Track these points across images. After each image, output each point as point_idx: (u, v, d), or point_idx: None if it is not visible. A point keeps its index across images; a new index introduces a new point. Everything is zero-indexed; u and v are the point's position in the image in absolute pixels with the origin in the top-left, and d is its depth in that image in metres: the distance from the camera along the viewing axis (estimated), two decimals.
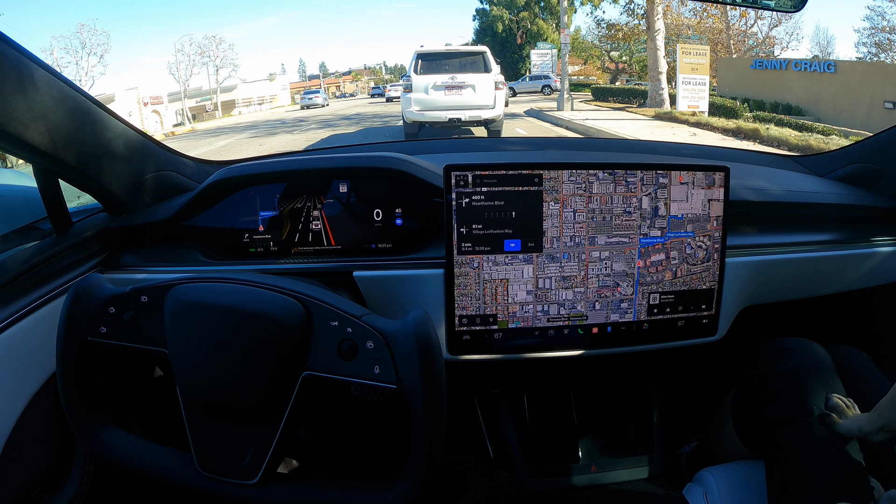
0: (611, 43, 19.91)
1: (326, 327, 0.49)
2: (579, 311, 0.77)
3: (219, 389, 0.49)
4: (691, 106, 9.44)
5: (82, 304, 0.52)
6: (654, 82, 11.59)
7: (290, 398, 0.49)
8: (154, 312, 0.51)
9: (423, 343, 0.47)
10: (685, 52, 9.56)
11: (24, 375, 0.65)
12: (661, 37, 11.23)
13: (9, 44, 0.58)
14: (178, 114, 19.87)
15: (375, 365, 0.47)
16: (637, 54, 19.60)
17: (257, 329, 0.48)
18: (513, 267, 0.74)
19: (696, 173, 0.75)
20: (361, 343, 0.48)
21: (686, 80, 9.53)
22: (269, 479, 0.50)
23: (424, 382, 0.46)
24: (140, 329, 0.52)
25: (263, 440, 0.49)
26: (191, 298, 0.50)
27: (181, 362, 0.50)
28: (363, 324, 0.48)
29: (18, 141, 0.62)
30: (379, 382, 0.47)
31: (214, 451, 0.51)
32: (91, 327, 0.51)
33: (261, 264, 0.80)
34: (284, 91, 29.49)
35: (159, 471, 0.52)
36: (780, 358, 0.73)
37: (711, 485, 0.75)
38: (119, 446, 0.53)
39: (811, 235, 0.86)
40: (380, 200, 0.80)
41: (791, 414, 0.68)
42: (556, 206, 0.73)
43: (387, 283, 0.78)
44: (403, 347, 0.47)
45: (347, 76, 37.70)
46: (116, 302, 0.52)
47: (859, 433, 0.63)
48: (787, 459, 0.67)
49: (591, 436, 0.96)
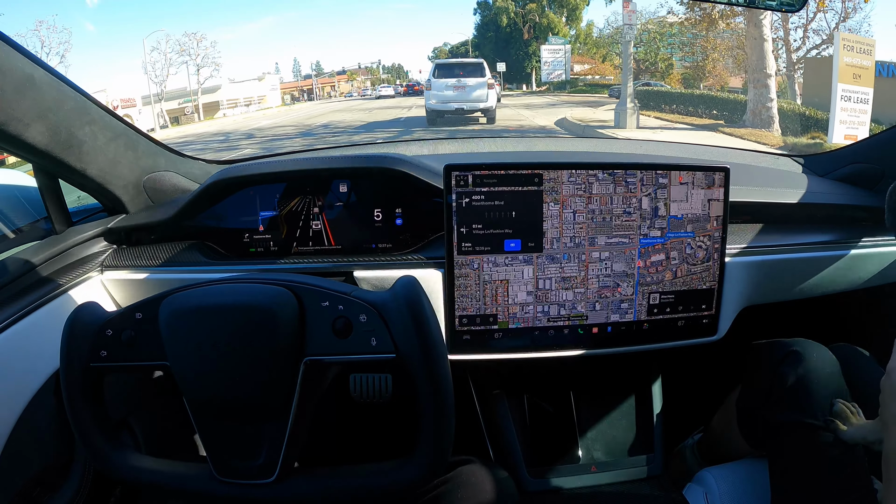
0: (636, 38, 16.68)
1: (318, 309, 0.49)
2: (579, 311, 0.77)
3: (224, 390, 0.49)
4: (849, 136, 5.35)
5: (80, 332, 0.52)
6: (756, 89, 7.72)
7: (294, 388, 0.49)
8: (151, 326, 0.51)
9: (415, 307, 0.48)
10: (847, 48, 5.38)
11: (24, 375, 0.65)
12: (767, 23, 7.50)
13: (9, 43, 0.58)
14: (158, 116, 18.59)
15: (372, 337, 0.48)
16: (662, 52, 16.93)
17: (252, 322, 0.48)
18: (513, 268, 0.74)
19: (696, 173, 0.75)
20: (354, 318, 0.48)
21: (846, 93, 5.36)
22: (288, 475, 0.50)
23: (422, 345, 0.47)
24: (140, 346, 0.52)
25: (275, 436, 0.50)
26: (184, 304, 0.50)
27: (183, 370, 0.50)
28: (353, 298, 0.49)
29: (18, 141, 0.62)
30: (377, 354, 0.48)
31: (229, 455, 0.51)
32: (91, 353, 0.52)
33: (261, 264, 0.80)
34: (274, 91, 27.14)
35: (180, 485, 0.53)
36: (786, 360, 0.73)
37: (712, 485, 0.75)
38: (137, 468, 0.53)
39: (811, 235, 0.86)
40: (380, 200, 0.80)
41: (797, 419, 0.68)
42: (556, 207, 0.73)
43: (387, 282, 0.78)
44: (396, 314, 0.48)
45: (343, 75, 37.11)
46: (112, 324, 0.52)
47: (863, 441, 0.63)
48: (792, 463, 0.67)
49: (591, 436, 0.96)
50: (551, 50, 20.85)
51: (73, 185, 0.78)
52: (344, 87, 34.58)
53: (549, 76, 21.49)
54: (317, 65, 36.15)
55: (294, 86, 32.66)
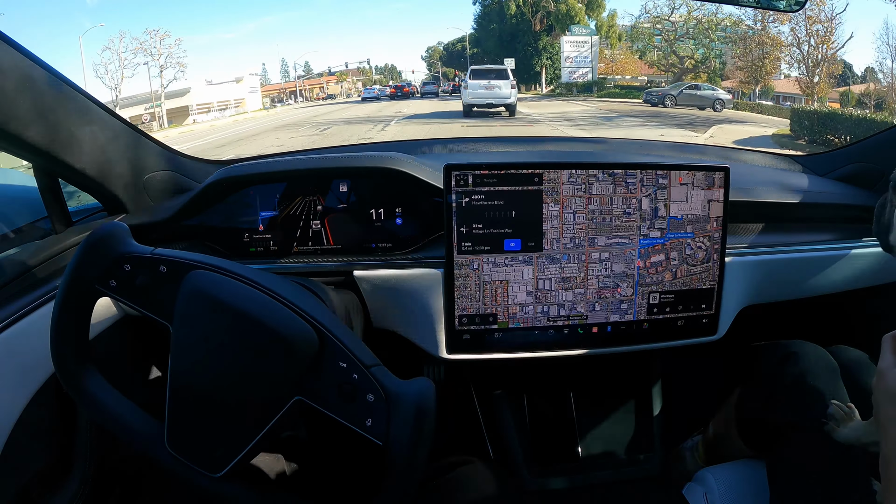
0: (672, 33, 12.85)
1: (334, 365, 0.48)
2: (579, 311, 0.77)
3: (209, 385, 0.49)
4: None
5: (99, 252, 0.50)
6: None
7: (276, 415, 0.48)
8: (169, 286, 0.49)
9: (421, 414, 0.47)
10: None
11: (25, 375, 0.65)
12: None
13: (9, 43, 0.58)
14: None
15: (369, 417, 0.47)
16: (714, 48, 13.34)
17: (265, 343, 0.48)
18: (513, 268, 0.74)
19: (696, 174, 0.75)
20: (363, 392, 0.47)
21: None
22: (233, 477, 0.50)
23: (410, 452, 0.46)
24: (150, 297, 0.50)
25: (238, 442, 0.49)
26: (209, 290, 0.49)
27: (181, 344, 0.49)
28: (370, 375, 0.48)
29: (18, 141, 0.62)
30: (367, 434, 0.47)
31: (188, 435, 0.50)
32: (101, 276, 0.50)
33: (261, 264, 0.80)
34: (254, 94, 24.80)
35: (129, 435, 0.51)
36: (785, 362, 0.73)
37: (711, 484, 0.75)
38: (99, 398, 0.52)
39: (811, 235, 0.86)
40: (380, 200, 0.80)
41: (794, 420, 0.68)
42: (556, 208, 0.73)
43: (387, 282, 0.78)
44: (402, 412, 0.47)
45: (332, 76, 36.06)
46: (134, 262, 0.50)
47: (857, 443, 0.63)
48: (791, 465, 0.67)
49: (591, 435, 0.96)
50: (575, 42, 16.42)
51: (73, 185, 0.78)
52: (333, 88, 33.20)
53: (572, 76, 16.99)
54: (305, 65, 35.07)
55: (275, 88, 30.96)
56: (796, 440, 0.67)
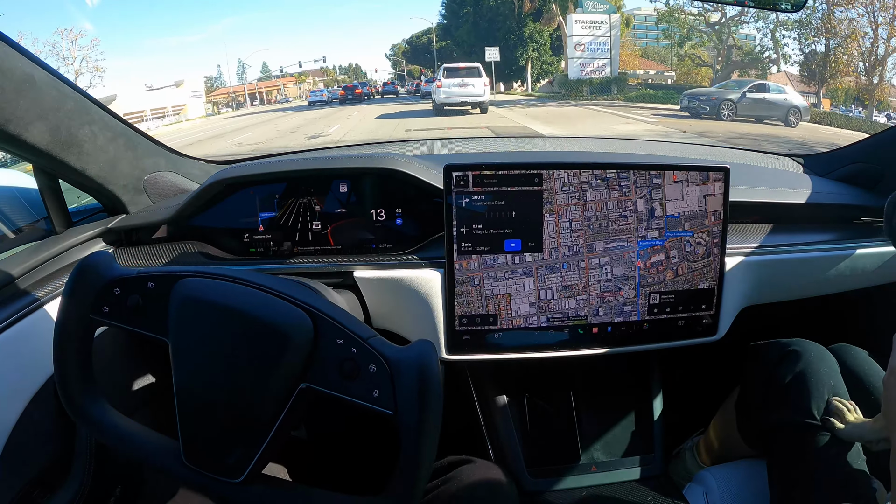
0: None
1: (331, 344, 0.48)
2: (582, 315, 0.77)
3: (215, 388, 0.49)
4: None
5: (88, 281, 0.51)
6: None
7: (284, 406, 0.48)
8: (160, 300, 0.50)
9: (425, 375, 0.47)
10: None
11: (25, 375, 0.65)
12: None
13: (9, 43, 0.58)
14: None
15: (375, 388, 0.47)
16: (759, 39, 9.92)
17: (261, 336, 0.48)
18: (513, 281, 0.74)
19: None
20: (364, 365, 0.47)
21: None
22: (254, 480, 0.50)
23: (421, 415, 0.46)
24: (144, 315, 0.51)
25: (253, 442, 0.49)
26: (198, 294, 0.49)
27: (181, 355, 0.49)
28: (369, 346, 0.48)
29: (18, 141, 0.62)
30: (376, 406, 0.47)
31: (202, 445, 0.50)
32: (94, 305, 0.51)
33: (261, 264, 0.80)
34: (196, 99, 21.65)
35: (145, 456, 0.52)
36: (784, 360, 0.73)
37: (712, 485, 0.75)
38: (109, 425, 0.52)
39: (811, 235, 0.86)
40: (380, 200, 0.80)
41: (795, 418, 0.68)
42: (552, 218, 0.73)
43: (387, 282, 0.78)
44: (405, 376, 0.47)
45: (290, 78, 33.14)
46: (122, 284, 0.51)
47: (860, 440, 0.63)
48: (791, 463, 0.67)
49: (591, 436, 0.96)
50: (588, 23, 11.06)
51: (72, 185, 0.78)
52: (291, 90, 31.33)
53: (585, 69, 11.96)
54: (263, 66, 33.34)
55: (224, 92, 28.48)
56: (795, 438, 0.67)
